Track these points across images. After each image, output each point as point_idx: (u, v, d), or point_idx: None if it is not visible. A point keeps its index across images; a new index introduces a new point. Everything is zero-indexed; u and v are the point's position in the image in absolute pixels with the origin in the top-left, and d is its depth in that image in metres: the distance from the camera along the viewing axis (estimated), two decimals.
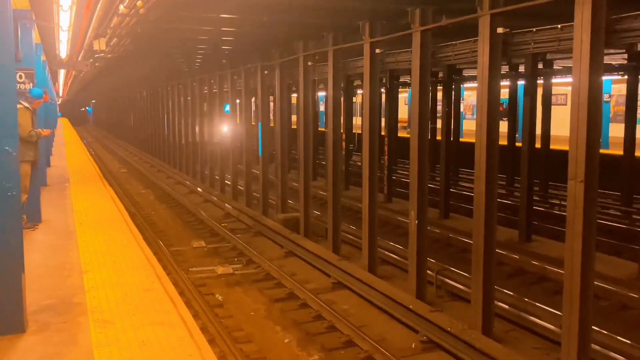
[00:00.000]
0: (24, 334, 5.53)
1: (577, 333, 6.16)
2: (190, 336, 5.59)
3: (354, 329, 8.03)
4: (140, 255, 8.56)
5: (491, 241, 7.62)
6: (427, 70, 8.93)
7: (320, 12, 10.12)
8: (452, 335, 7.48)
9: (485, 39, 7.39)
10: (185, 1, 8.90)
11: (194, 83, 22.42)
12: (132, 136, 40.95)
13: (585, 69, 5.99)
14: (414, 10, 8.71)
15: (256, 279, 10.72)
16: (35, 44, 12.27)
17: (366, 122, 10.42)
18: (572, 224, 6.19)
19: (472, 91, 30.83)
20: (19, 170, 5.63)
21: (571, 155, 6.18)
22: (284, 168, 14.64)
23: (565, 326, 6.33)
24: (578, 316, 6.14)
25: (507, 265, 10.82)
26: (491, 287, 7.68)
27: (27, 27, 11.14)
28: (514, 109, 17.45)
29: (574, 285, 6.17)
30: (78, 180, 17.15)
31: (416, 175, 9.02)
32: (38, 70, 13.15)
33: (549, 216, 14.70)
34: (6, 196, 5.38)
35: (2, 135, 5.35)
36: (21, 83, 10.40)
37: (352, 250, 12.17)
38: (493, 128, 7.55)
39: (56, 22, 10.87)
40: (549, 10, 6.93)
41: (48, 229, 10.29)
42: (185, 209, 17.38)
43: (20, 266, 5.56)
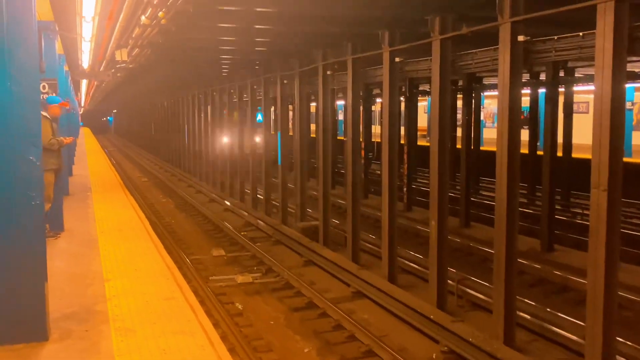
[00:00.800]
0: (47, 342, 5.57)
1: (601, 344, 6.07)
2: (211, 345, 5.60)
3: (374, 339, 8.00)
4: (161, 263, 8.61)
5: (512, 250, 7.55)
6: (447, 79, 8.91)
7: (339, 22, 10.15)
8: (473, 346, 7.42)
9: (506, 47, 7.35)
10: (205, 12, 8.98)
11: (214, 93, 22.59)
12: (152, 145, 41.31)
13: (608, 77, 5.93)
14: (433, 18, 8.70)
15: (275, 288, 10.73)
16: (58, 55, 12.46)
17: (385, 130, 10.40)
18: (596, 233, 6.12)
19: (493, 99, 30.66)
20: (43, 180, 5.70)
21: (594, 164, 6.12)
22: (303, 176, 14.66)
23: (588, 337, 6.25)
24: (602, 327, 6.06)
25: (528, 275, 10.72)
26: (513, 296, 7.60)
27: (51, 38, 11.31)
28: (535, 117, 17.32)
29: (598, 295, 6.09)
30: (100, 189, 17.31)
31: (436, 183, 8.98)
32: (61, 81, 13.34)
33: (572, 225, 14.54)
34: (30, 205, 5.44)
35: (26, 144, 5.41)
36: (45, 93, 10.54)
37: (371, 259, 12.12)
38: (514, 136, 7.50)
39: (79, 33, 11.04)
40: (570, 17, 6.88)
41: (70, 238, 10.39)
42: (205, 217, 17.47)
43: (43, 275, 5.62)
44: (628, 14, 5.89)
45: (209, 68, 18.68)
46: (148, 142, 43.85)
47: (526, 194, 17.58)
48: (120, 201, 14.93)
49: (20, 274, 5.46)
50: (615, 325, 6.18)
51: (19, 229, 5.43)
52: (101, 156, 33.06)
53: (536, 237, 12.79)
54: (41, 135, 5.78)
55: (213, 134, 23.07)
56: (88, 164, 25.76)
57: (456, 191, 16.71)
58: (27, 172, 5.43)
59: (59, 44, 12.80)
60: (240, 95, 19.59)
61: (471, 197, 15.70)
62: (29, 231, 5.50)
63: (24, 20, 5.31)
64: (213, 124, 23.04)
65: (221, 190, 21.79)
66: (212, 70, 19.19)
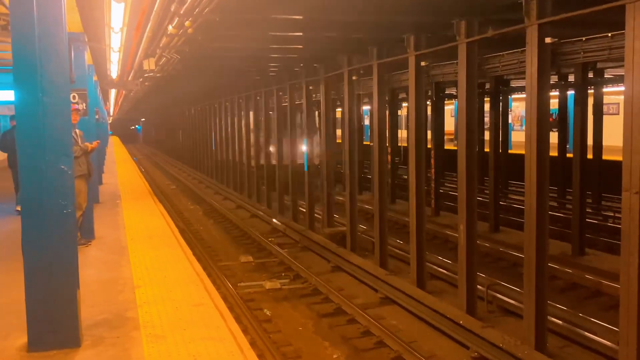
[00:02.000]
0: (79, 348, 5.67)
1: (635, 349, 5.97)
2: (240, 351, 5.63)
3: (403, 345, 7.97)
4: (190, 270, 8.69)
5: (543, 255, 7.47)
6: (473, 82, 8.86)
7: (364, 27, 10.17)
8: (504, 352, 7.35)
9: (533, 49, 7.30)
10: (231, 21, 9.06)
11: (240, 100, 22.76)
12: (180, 153, 41.74)
13: (638, 78, 5.85)
14: (459, 22, 8.67)
15: (304, 294, 10.75)
16: (87, 65, 12.69)
17: (412, 134, 10.37)
18: (628, 236, 6.03)
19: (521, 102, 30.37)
20: (74, 188, 5.81)
21: (625, 166, 6.03)
22: (329, 182, 14.68)
23: (622, 342, 6.15)
24: (636, 331, 5.96)
25: (560, 280, 10.58)
26: (544, 301, 7.52)
27: (80, 49, 11.53)
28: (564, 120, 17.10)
29: (631, 299, 5.99)
30: (129, 196, 17.54)
31: (464, 188, 8.92)
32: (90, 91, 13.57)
33: (603, 229, 14.31)
34: (62, 213, 5.55)
35: (58, 154, 5.52)
36: (75, 103, 10.73)
37: (399, 264, 12.08)
38: (543, 139, 7.43)
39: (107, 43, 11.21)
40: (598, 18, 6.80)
41: (101, 245, 10.55)
42: (233, 224, 17.59)
43: (75, 282, 5.72)
44: None
45: (234, 76, 18.83)
46: (176, 150, 44.32)
47: (556, 197, 17.35)
48: (149, 209, 15.11)
49: (52, 281, 5.56)
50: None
51: (51, 237, 5.55)
52: (130, 164, 33.50)
53: (567, 240, 12.62)
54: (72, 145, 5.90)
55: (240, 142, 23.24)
56: (117, 172, 26.13)
57: (485, 195, 16.56)
58: (59, 181, 5.54)
59: (88, 55, 13.03)
60: (266, 101, 19.70)
61: (500, 201, 15.57)
62: (61, 239, 5.61)
63: (54, 32, 5.43)
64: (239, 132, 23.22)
65: (248, 197, 21.91)
66: (237, 77, 19.33)
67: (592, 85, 14.52)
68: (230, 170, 25.15)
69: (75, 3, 8.89)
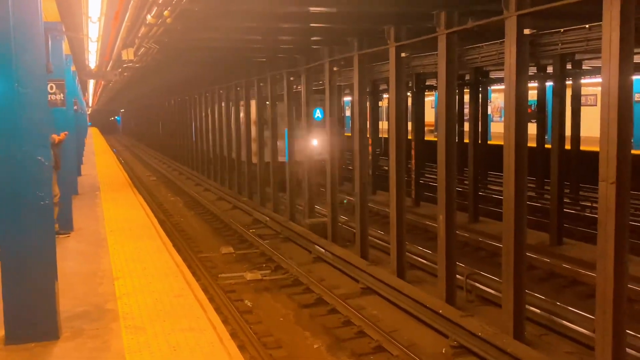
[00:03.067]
0: (58, 341, 5.63)
1: (611, 337, 6.06)
2: (221, 342, 5.63)
3: (383, 334, 8.01)
4: (170, 262, 8.65)
5: (521, 244, 7.54)
6: (453, 73, 8.89)
7: (345, 18, 10.15)
8: (483, 340, 7.42)
9: (512, 40, 7.33)
10: (210, 11, 8.99)
11: (221, 91, 22.63)
12: (160, 144, 41.46)
13: (615, 69, 5.91)
14: (439, 13, 8.69)
15: (285, 285, 10.76)
16: (65, 55, 12.51)
17: (392, 126, 10.40)
18: (604, 226, 6.10)
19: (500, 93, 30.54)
20: (52, 179, 5.74)
21: (602, 157, 6.10)
22: (310, 173, 14.67)
23: (598, 330, 6.23)
24: (612, 320, 6.05)
25: (538, 269, 10.69)
26: (522, 291, 7.59)
27: (58, 39, 11.36)
28: (542, 111, 17.25)
29: (607, 288, 6.08)
30: (108, 188, 17.40)
31: (444, 178, 8.97)
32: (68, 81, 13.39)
33: (581, 219, 14.49)
34: (39, 205, 5.49)
35: (35, 145, 5.46)
36: (52, 94, 10.59)
37: (380, 255, 12.13)
38: (521, 130, 7.48)
39: (85, 33, 11.07)
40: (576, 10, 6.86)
41: (80, 237, 10.46)
42: (214, 215, 17.52)
43: (53, 274, 5.67)
44: (635, 5, 5.86)
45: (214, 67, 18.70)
46: (156, 141, 44.00)
47: (534, 187, 17.53)
48: (128, 200, 15.00)
49: (30, 273, 5.51)
50: (625, 318, 6.17)
51: (29, 228, 5.48)
52: (109, 156, 33.21)
53: (545, 230, 12.76)
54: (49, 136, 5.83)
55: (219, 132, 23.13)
56: (96, 163, 25.90)
57: (464, 186, 16.69)
58: (36, 172, 5.48)
59: (65, 45, 12.85)
60: (247, 93, 19.60)
61: (479, 191, 15.67)
62: (39, 231, 5.55)
63: (30, 22, 5.35)
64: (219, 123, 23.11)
65: (229, 188, 21.83)
66: (217, 68, 19.20)
67: (570, 77, 14.64)
68: (212, 162, 25.03)
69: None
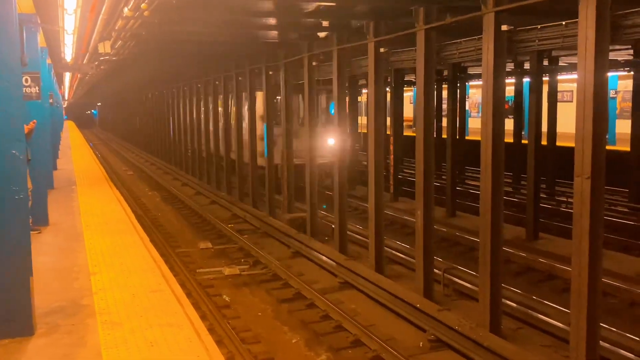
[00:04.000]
0: (33, 337, 5.56)
1: (585, 330, 6.15)
2: (198, 337, 5.60)
3: (361, 329, 8.04)
4: (147, 257, 8.58)
5: (498, 239, 7.61)
6: (432, 69, 8.93)
7: (325, 12, 10.12)
8: (460, 334, 7.48)
9: (489, 36, 7.38)
10: (188, 3, 8.92)
11: (199, 85, 22.48)
12: (137, 139, 41.11)
13: (591, 66, 5.98)
14: (417, 8, 8.71)
15: (263, 280, 10.74)
16: (40, 48, 12.33)
17: (371, 121, 10.41)
18: (579, 221, 6.18)
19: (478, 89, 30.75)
20: (26, 174, 5.66)
21: (577, 152, 6.17)
22: (289, 168, 14.65)
23: (573, 324, 6.32)
24: (586, 314, 6.13)
25: (514, 263, 10.80)
26: (499, 285, 7.67)
27: (33, 31, 11.19)
28: (519, 107, 17.43)
29: (582, 282, 6.16)
30: (85, 182, 17.21)
31: (422, 173, 9.01)
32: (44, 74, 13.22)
33: (557, 213, 14.66)
34: (13, 199, 5.41)
35: (10, 139, 5.37)
36: (27, 87, 10.44)
37: (359, 249, 12.17)
38: (498, 126, 7.55)
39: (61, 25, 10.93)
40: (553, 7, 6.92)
41: (56, 232, 10.33)
42: (192, 210, 17.43)
43: (28, 269, 5.59)
44: (610, 3, 5.93)
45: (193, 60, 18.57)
46: (133, 135, 43.62)
47: (511, 182, 17.72)
48: (105, 195, 14.85)
49: (4, 268, 5.43)
50: (600, 312, 6.26)
51: (3, 223, 5.40)
52: (86, 150, 32.84)
53: (522, 225, 12.90)
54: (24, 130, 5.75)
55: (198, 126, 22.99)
56: (72, 157, 25.58)
57: (442, 181, 16.80)
58: (10, 166, 5.40)
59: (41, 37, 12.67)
60: (225, 86, 19.49)
61: (457, 186, 15.78)
62: (13, 225, 5.47)
63: (3, 13, 5.26)
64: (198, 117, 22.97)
65: (207, 183, 21.72)
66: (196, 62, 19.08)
67: (547, 73, 14.79)
68: (189, 156, 24.87)
69: None
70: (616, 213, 14.47)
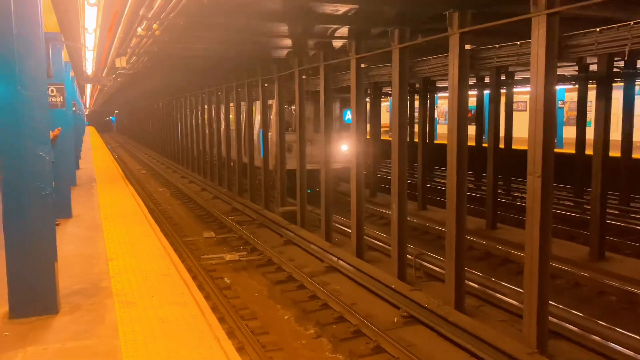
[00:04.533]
0: (57, 315, 5.51)
1: (536, 307, 6.19)
2: (203, 314, 5.58)
3: (344, 307, 8.04)
4: (158, 245, 8.54)
5: (462, 229, 7.65)
6: (405, 82, 8.95)
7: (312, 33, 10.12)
8: (429, 311, 7.51)
9: (455, 54, 7.41)
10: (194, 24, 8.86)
11: (203, 95, 22.36)
12: (150, 141, 40.82)
13: (542, 80, 6.02)
14: (393, 30, 8.73)
15: (259, 264, 10.71)
16: (64, 62, 12.23)
17: (353, 127, 10.42)
18: (531, 213, 6.22)
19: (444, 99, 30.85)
20: (51, 172, 5.61)
21: (530, 154, 6.21)
22: (282, 167, 14.61)
23: (526, 302, 6.36)
24: (537, 293, 6.18)
25: (476, 250, 10.85)
26: (462, 268, 7.71)
27: (58, 48, 11.10)
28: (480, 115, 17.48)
29: (533, 266, 6.20)
30: (103, 180, 17.08)
31: (397, 172, 9.03)
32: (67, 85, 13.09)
33: (512, 207, 14.75)
34: (40, 195, 5.37)
35: (37, 142, 5.33)
36: (53, 97, 10.34)
37: (342, 238, 12.17)
38: (462, 131, 7.58)
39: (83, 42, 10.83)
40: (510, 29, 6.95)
41: (79, 223, 10.25)
42: (197, 204, 17.35)
43: (53, 255, 5.55)
44: (558, 25, 5.97)
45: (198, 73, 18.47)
46: (146, 139, 43.31)
47: (473, 180, 17.80)
48: (122, 191, 14.75)
49: (32, 255, 5.39)
50: (549, 291, 6.30)
51: (31, 214, 5.36)
52: (105, 152, 32.59)
53: (482, 217, 12.96)
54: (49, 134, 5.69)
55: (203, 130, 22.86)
56: (93, 158, 25.38)
57: (414, 179, 16.84)
58: (37, 165, 5.35)
59: (65, 53, 12.55)
60: (226, 96, 19.39)
61: (427, 183, 15.82)
62: (40, 217, 5.43)
63: (32, 32, 5.22)
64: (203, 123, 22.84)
65: (211, 180, 21.63)
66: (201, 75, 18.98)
67: (504, 86, 14.86)
68: (195, 157, 24.74)
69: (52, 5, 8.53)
70: (563, 206, 14.58)
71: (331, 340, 7.25)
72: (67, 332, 5.16)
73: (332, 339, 7.26)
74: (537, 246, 6.15)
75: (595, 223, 10.05)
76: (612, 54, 10.58)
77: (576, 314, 7.25)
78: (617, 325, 6.89)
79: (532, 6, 5.98)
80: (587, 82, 14.54)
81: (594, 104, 11.67)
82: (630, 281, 8.59)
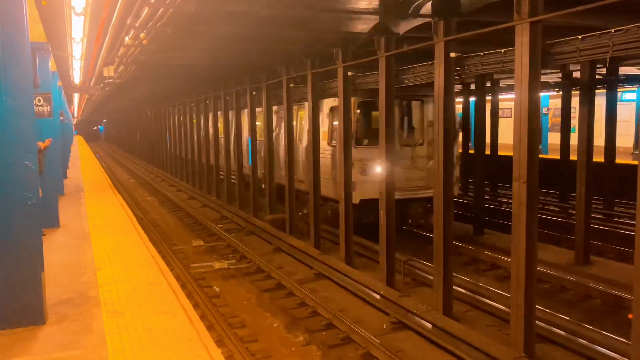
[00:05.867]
0: (44, 325, 5.45)
1: (523, 311, 6.21)
2: (191, 323, 5.54)
3: (333, 313, 8.02)
4: (146, 253, 8.47)
5: (449, 234, 7.66)
6: (391, 90, 8.98)
7: (300, 41, 10.13)
8: (417, 316, 7.50)
9: (440, 62, 7.45)
10: (182, 33, 8.84)
11: (192, 104, 22.30)
12: (138, 150, 40.60)
13: (526, 87, 6.06)
14: (379, 38, 8.76)
15: (248, 272, 10.66)
16: (52, 72, 12.14)
17: (340, 134, 10.42)
18: (517, 218, 6.25)
19: None
20: (38, 182, 5.56)
21: (515, 160, 6.25)
22: (271, 175, 14.58)
23: (513, 306, 6.38)
24: (524, 297, 6.19)
25: (463, 255, 10.88)
26: (450, 274, 7.71)
27: (45, 57, 11.01)
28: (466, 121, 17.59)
29: (520, 271, 6.22)
30: (91, 189, 16.94)
31: (385, 179, 9.03)
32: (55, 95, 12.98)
33: (498, 212, 14.81)
34: (26, 204, 5.31)
35: (23, 151, 5.28)
36: (40, 106, 10.25)
37: (331, 245, 12.14)
38: (448, 138, 7.60)
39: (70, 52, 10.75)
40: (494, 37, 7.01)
41: (66, 232, 10.15)
42: (186, 212, 17.25)
43: (40, 265, 5.48)
44: (541, 33, 6.02)
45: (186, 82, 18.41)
46: (135, 148, 43.07)
47: (460, 186, 17.83)
48: (110, 200, 14.64)
49: (19, 265, 5.33)
50: (535, 295, 6.32)
51: (17, 225, 5.30)
52: (93, 161, 32.35)
53: (469, 222, 13.00)
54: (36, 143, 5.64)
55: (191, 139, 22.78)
56: (81, 167, 25.19)
57: None
58: (23, 175, 5.30)
59: (52, 62, 12.46)
60: (215, 105, 19.34)
61: None
62: (26, 227, 5.37)
63: (17, 42, 5.18)
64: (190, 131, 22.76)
65: (199, 188, 21.52)
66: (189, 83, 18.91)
67: (489, 93, 14.96)
68: (184, 165, 24.63)
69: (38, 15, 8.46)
70: (548, 211, 14.68)
71: (320, 347, 7.22)
72: (54, 342, 5.09)
73: (321, 346, 7.23)
74: (524, 251, 6.17)
75: (580, 227, 10.13)
76: (594, 61, 10.70)
77: (562, 318, 7.28)
78: (603, 328, 6.93)
79: (516, 14, 6.03)
80: (571, 89, 14.70)
81: (577, 111, 11.79)
82: (615, 284, 8.65)
